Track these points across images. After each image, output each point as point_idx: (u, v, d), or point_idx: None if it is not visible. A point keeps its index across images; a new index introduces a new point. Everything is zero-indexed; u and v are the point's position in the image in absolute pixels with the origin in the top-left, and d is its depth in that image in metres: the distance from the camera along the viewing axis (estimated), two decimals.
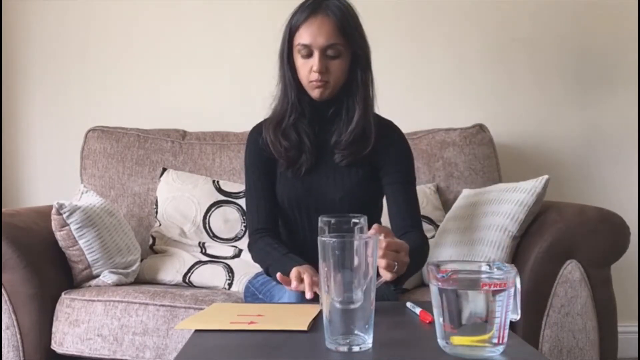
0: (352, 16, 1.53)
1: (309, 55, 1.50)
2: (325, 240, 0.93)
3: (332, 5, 1.50)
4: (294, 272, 1.33)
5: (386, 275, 1.25)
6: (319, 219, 1.24)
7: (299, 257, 1.46)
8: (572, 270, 1.63)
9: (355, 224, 1.21)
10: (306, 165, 1.58)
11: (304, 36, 1.49)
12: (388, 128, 1.64)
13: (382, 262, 1.23)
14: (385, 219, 1.85)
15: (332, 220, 1.22)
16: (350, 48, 1.52)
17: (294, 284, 1.31)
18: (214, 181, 2.17)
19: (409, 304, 1.23)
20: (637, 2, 2.45)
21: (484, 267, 0.96)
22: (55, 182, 2.50)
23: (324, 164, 1.59)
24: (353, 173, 1.58)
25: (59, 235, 1.77)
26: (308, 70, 1.51)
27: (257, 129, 1.67)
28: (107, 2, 2.49)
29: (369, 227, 1.25)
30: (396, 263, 1.25)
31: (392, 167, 1.59)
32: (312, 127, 1.59)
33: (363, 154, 1.56)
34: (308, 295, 1.26)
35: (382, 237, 1.24)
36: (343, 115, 1.57)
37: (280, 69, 1.58)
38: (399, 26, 2.48)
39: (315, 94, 1.53)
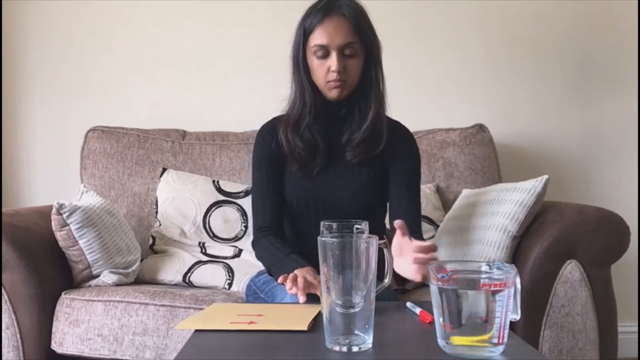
0: (365, 15, 1.54)
1: (326, 56, 1.50)
2: (325, 240, 0.93)
3: (345, 6, 1.51)
4: (291, 276, 1.31)
5: (416, 278, 1.22)
6: (321, 223, 1.24)
7: (303, 258, 1.46)
8: (572, 270, 1.63)
9: (358, 229, 1.21)
10: (319, 167, 1.58)
11: (320, 37, 1.49)
12: (397, 128, 1.65)
13: (415, 268, 1.21)
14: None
15: (334, 225, 1.22)
16: (365, 46, 1.53)
17: (287, 285, 1.28)
18: (214, 181, 2.17)
19: (409, 304, 1.23)
20: (637, 2, 2.45)
21: (484, 267, 0.96)
22: (55, 182, 2.50)
23: (334, 163, 1.59)
24: (364, 172, 1.58)
25: (59, 235, 1.77)
26: (325, 71, 1.51)
27: (268, 127, 1.65)
28: (107, 2, 2.49)
29: (370, 232, 1.23)
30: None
31: (400, 167, 1.60)
32: (325, 128, 1.59)
33: (375, 152, 1.56)
34: (300, 300, 1.25)
35: (413, 241, 1.22)
36: (356, 114, 1.57)
37: (295, 72, 1.57)
38: (400, 26, 2.48)
39: (333, 94, 1.53)
